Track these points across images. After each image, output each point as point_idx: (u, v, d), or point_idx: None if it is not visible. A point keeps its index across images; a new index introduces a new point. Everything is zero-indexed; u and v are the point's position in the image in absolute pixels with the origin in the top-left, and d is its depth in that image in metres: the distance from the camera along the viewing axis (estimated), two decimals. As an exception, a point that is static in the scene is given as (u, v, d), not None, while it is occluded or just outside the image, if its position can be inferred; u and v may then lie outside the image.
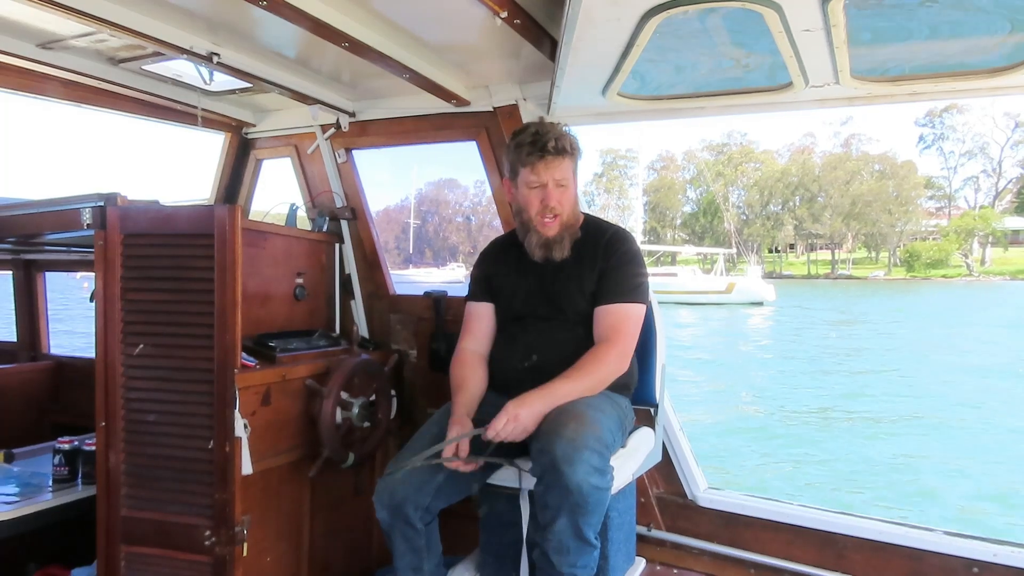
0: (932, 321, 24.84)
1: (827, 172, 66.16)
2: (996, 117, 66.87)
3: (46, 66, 2.44)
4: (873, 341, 19.33)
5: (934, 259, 59.43)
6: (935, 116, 66.79)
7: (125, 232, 2.02)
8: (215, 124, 3.22)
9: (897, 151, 72.00)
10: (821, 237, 66.49)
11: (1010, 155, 65.42)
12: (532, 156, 2.08)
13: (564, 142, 2.08)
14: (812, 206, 66.21)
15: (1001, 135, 65.10)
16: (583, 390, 1.96)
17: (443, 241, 74.34)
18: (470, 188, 74.79)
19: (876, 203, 62.34)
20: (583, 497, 1.72)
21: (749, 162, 72.65)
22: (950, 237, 60.58)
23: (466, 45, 2.32)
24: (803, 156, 70.74)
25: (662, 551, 2.61)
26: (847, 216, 63.62)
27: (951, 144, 67.09)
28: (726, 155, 74.19)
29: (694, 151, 76.55)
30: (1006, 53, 1.88)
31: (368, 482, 2.74)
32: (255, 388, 2.17)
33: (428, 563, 2.04)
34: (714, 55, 2.06)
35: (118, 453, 2.03)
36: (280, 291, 2.64)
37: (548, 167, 2.08)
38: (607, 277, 2.11)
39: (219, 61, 2.29)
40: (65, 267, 3.71)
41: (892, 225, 62.82)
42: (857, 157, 67.48)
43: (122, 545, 2.03)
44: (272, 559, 2.36)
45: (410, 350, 3.00)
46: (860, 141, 69.54)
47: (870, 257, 67.13)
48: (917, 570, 2.22)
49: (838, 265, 65.95)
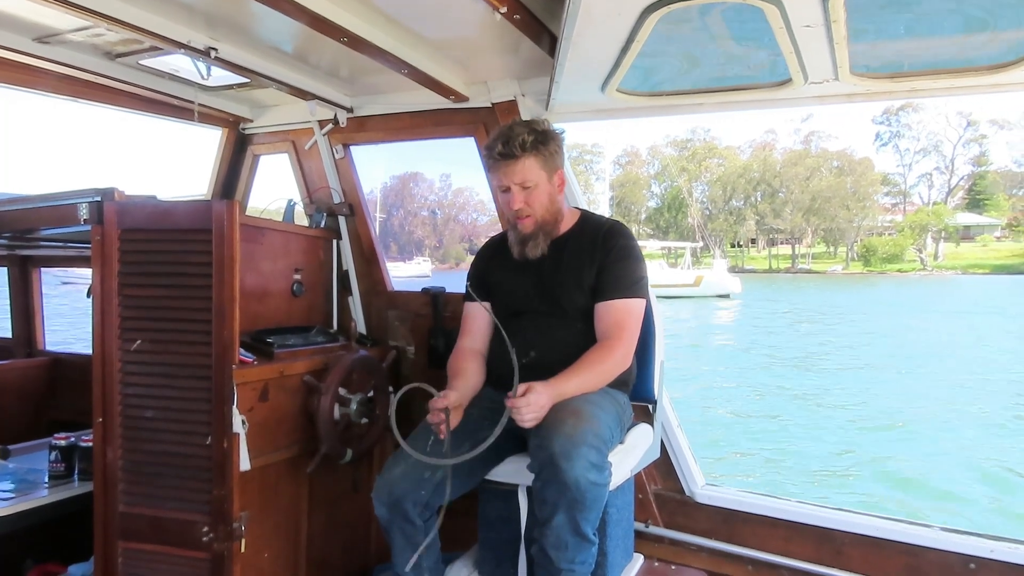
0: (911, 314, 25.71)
1: (788, 168, 67.26)
2: (949, 116, 68.81)
3: (43, 60, 2.43)
4: (855, 338, 19.72)
5: (890, 254, 60.83)
6: (892, 114, 68.37)
7: (122, 227, 2.00)
8: (212, 119, 3.21)
9: (855, 148, 74.38)
10: (782, 232, 67.55)
11: (962, 153, 67.32)
12: (490, 160, 2.09)
13: (512, 145, 2.03)
14: (773, 201, 67.30)
15: (954, 133, 66.97)
16: (587, 387, 1.96)
17: (408, 235, 74.01)
18: (436, 182, 74.74)
19: (835, 199, 63.59)
20: (581, 493, 1.72)
21: (712, 158, 73.53)
22: (905, 232, 62.06)
23: (465, 40, 2.31)
24: (765, 152, 71.69)
25: (660, 547, 2.61)
26: (807, 211, 64.83)
27: (906, 142, 68.91)
28: (690, 151, 74.90)
29: (659, 147, 77.35)
30: (1006, 49, 1.88)
31: (366, 478, 2.74)
32: (253, 384, 2.16)
33: (427, 559, 2.04)
34: (714, 51, 2.06)
35: (115, 449, 2.02)
36: (278, 287, 2.63)
37: (507, 171, 2.07)
38: (607, 272, 2.11)
39: (217, 56, 2.28)
40: (61, 263, 3.70)
41: (850, 220, 64.07)
42: (816, 154, 68.76)
43: (119, 541, 2.03)
44: (270, 555, 2.35)
45: (408, 346, 3.00)
46: (819, 138, 70.96)
47: (829, 252, 68.41)
48: (914, 566, 2.23)
49: (798, 259, 67.18)
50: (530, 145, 2.05)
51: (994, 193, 64.97)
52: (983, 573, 2.14)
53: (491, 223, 76.64)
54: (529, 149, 2.05)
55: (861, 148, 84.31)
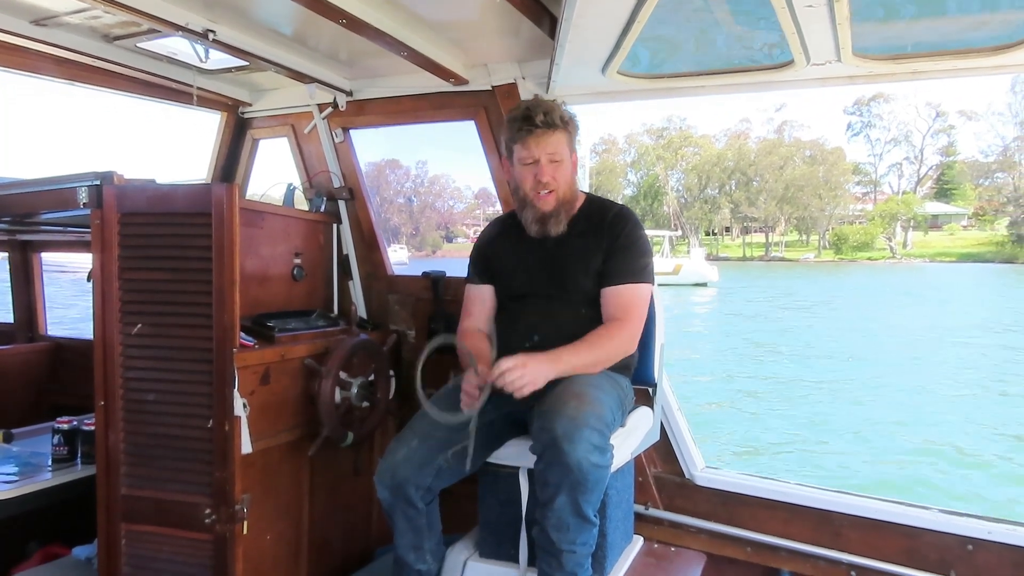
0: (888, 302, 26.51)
1: (762, 157, 67.69)
2: (919, 107, 69.42)
3: (40, 43, 2.41)
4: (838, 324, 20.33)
5: (860, 242, 61.69)
6: (863, 104, 69.14)
7: (122, 211, 2.00)
8: (211, 103, 3.19)
9: (827, 138, 74.46)
10: (756, 220, 68.09)
11: (931, 143, 68.44)
12: (522, 132, 2.07)
13: (554, 116, 2.05)
14: (748, 190, 67.73)
15: (923, 124, 67.96)
16: (590, 363, 1.96)
17: (385, 223, 74.02)
18: (412, 169, 74.53)
19: (807, 188, 64.19)
20: (583, 475, 1.73)
21: (688, 146, 73.88)
22: (875, 221, 63.00)
23: (465, 22, 2.30)
24: (739, 141, 72.08)
25: (660, 529, 2.63)
26: (780, 200, 65.37)
27: (877, 132, 69.76)
28: (666, 139, 75.19)
29: (635, 135, 77.55)
30: (1009, 31, 1.87)
31: (367, 461, 2.75)
32: (254, 368, 2.17)
33: (429, 541, 2.06)
34: (715, 32, 2.05)
35: (117, 432, 2.03)
36: (278, 271, 2.63)
37: (539, 142, 2.06)
38: (614, 257, 2.10)
39: (215, 39, 2.27)
40: (62, 248, 3.70)
41: (822, 209, 64.80)
42: (790, 143, 69.33)
43: (122, 523, 2.04)
44: (272, 537, 2.37)
45: (408, 330, 3.00)
46: (792, 127, 71.55)
47: (801, 240, 69.24)
48: (913, 548, 2.25)
49: (771, 247, 67.89)
50: (564, 121, 2.08)
51: (961, 183, 66.27)
52: (981, 554, 2.16)
53: (467, 210, 76.74)
54: (565, 123, 2.08)
55: (833, 138, 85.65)
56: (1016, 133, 61.55)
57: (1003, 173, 61.90)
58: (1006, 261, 52.94)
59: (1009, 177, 60.77)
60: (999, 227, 59.90)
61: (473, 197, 79.22)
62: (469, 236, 76.65)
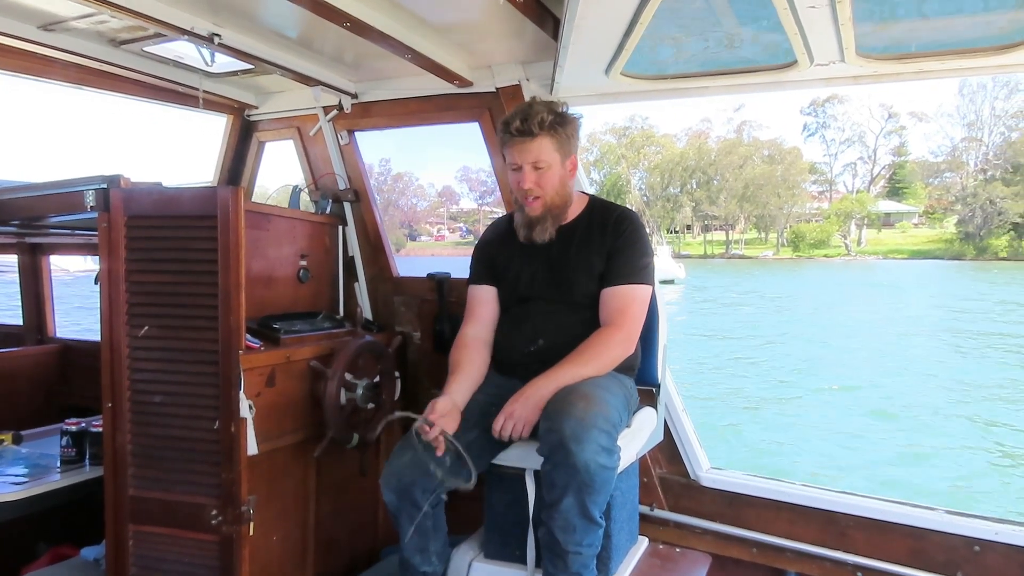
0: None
1: (722, 156, 69.04)
2: (872, 108, 71.74)
3: (48, 48, 2.43)
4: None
5: (817, 240, 63.27)
6: (818, 105, 71.00)
7: (129, 214, 2.01)
8: (217, 106, 3.21)
9: (785, 138, 76.90)
10: (716, 219, 69.37)
11: (884, 143, 70.62)
12: (506, 136, 2.08)
13: (531, 123, 2.01)
14: (708, 189, 68.98)
15: (876, 125, 70.06)
16: (587, 375, 1.97)
17: None
18: (375, 167, 74.73)
19: (766, 187, 65.50)
20: (591, 476, 1.74)
21: (650, 145, 74.98)
22: (831, 219, 64.61)
23: (469, 24, 2.30)
24: (700, 140, 73.26)
25: (665, 531, 2.63)
26: (740, 199, 66.64)
27: (832, 132, 71.70)
28: (628, 138, 76.10)
29: (597, 134, 78.26)
30: (1014, 30, 1.86)
31: (373, 463, 2.76)
32: (260, 369, 2.18)
33: (435, 543, 2.06)
34: (718, 33, 2.04)
35: (125, 434, 2.04)
36: (284, 273, 2.65)
37: (521, 149, 2.05)
38: (613, 258, 2.10)
39: (220, 42, 2.28)
40: (70, 251, 3.72)
41: (780, 207, 66.17)
42: (749, 143, 70.78)
43: (130, 524, 2.05)
44: (278, 538, 2.38)
45: (414, 332, 3.01)
46: (751, 127, 73.07)
47: (760, 238, 70.58)
48: (919, 548, 2.24)
49: (732, 245, 69.21)
50: (548, 125, 2.03)
51: (912, 182, 68.36)
52: (988, 555, 2.15)
53: (431, 208, 76.96)
54: (546, 129, 2.04)
55: (790, 138, 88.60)
56: (964, 134, 64.31)
57: (951, 173, 64.47)
58: (954, 258, 55.60)
59: (957, 177, 63.24)
60: (948, 225, 62.01)
61: (436, 195, 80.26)
62: (433, 234, 78.16)
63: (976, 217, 56.44)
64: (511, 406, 1.93)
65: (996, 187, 56.16)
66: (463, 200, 79.84)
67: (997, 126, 62.26)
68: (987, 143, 62.52)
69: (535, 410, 1.90)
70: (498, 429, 1.93)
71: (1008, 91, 61.06)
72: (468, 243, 63.16)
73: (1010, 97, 61.41)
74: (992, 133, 62.47)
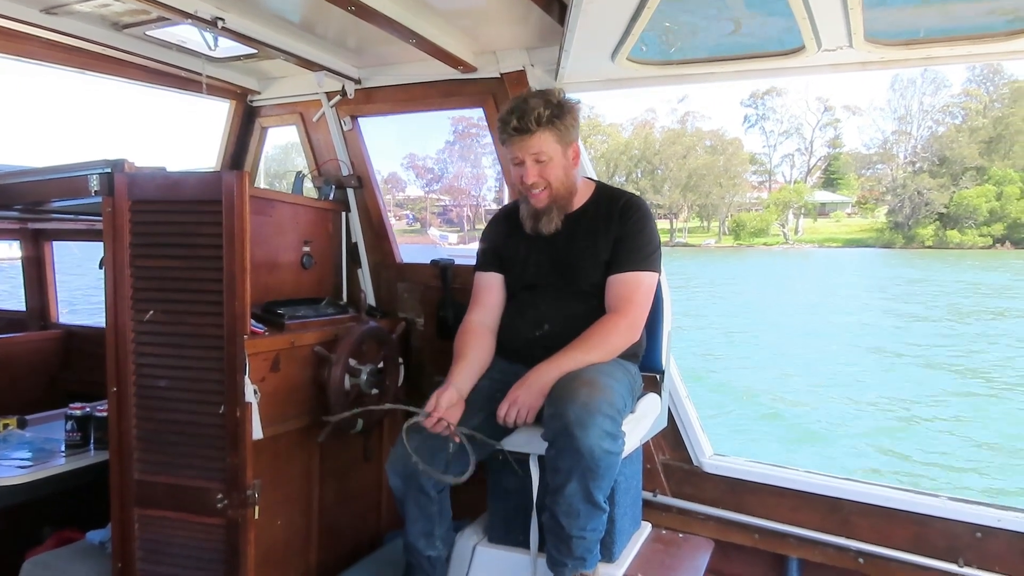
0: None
1: (666, 146, 70.07)
2: (809, 101, 74.72)
3: (50, 31, 2.41)
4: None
5: (757, 228, 64.91)
6: (758, 98, 72.06)
7: (133, 198, 2.01)
8: (220, 91, 3.19)
9: (726, 129, 78.04)
10: (661, 207, 70.03)
11: (820, 136, 72.31)
12: (504, 135, 2.06)
13: (528, 120, 1.99)
14: (653, 178, 69.98)
15: (813, 117, 71.58)
16: (591, 361, 1.96)
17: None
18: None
19: (709, 176, 66.70)
20: (595, 461, 1.74)
21: (597, 134, 75.25)
22: (770, 209, 66.13)
23: (473, 9, 2.29)
24: (645, 130, 74.08)
25: (668, 516, 2.64)
26: (684, 188, 67.79)
27: (771, 124, 73.04)
28: None
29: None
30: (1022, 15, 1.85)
31: (376, 448, 2.77)
32: (264, 354, 2.18)
33: (440, 528, 2.08)
34: (726, 18, 2.03)
35: (130, 418, 2.04)
36: (287, 259, 2.64)
37: (520, 146, 2.04)
38: (620, 245, 2.10)
39: (223, 26, 2.27)
40: (73, 236, 3.72)
41: (722, 197, 67.44)
42: (692, 133, 71.93)
43: (135, 508, 2.06)
44: (283, 522, 2.39)
45: (417, 318, 3.01)
46: (695, 118, 73.96)
47: (703, 226, 72.01)
48: (922, 535, 2.25)
49: (675, 233, 70.25)
50: (546, 119, 2.01)
51: (846, 173, 70.03)
52: (990, 542, 2.16)
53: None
54: (544, 123, 2.01)
55: (732, 129, 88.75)
56: (895, 127, 66.42)
57: (883, 164, 66.43)
58: (885, 246, 58.18)
59: (888, 168, 65.24)
60: (879, 215, 64.24)
61: (383, 182, 79.72)
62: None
63: (905, 207, 58.82)
64: (515, 392, 1.94)
65: (923, 179, 58.45)
66: (409, 187, 78.96)
67: (925, 120, 64.55)
68: (915, 136, 64.68)
69: (539, 396, 1.91)
70: (502, 415, 1.93)
71: (935, 87, 63.55)
72: (414, 231, 63.52)
73: (937, 92, 63.82)
74: (920, 127, 64.79)
